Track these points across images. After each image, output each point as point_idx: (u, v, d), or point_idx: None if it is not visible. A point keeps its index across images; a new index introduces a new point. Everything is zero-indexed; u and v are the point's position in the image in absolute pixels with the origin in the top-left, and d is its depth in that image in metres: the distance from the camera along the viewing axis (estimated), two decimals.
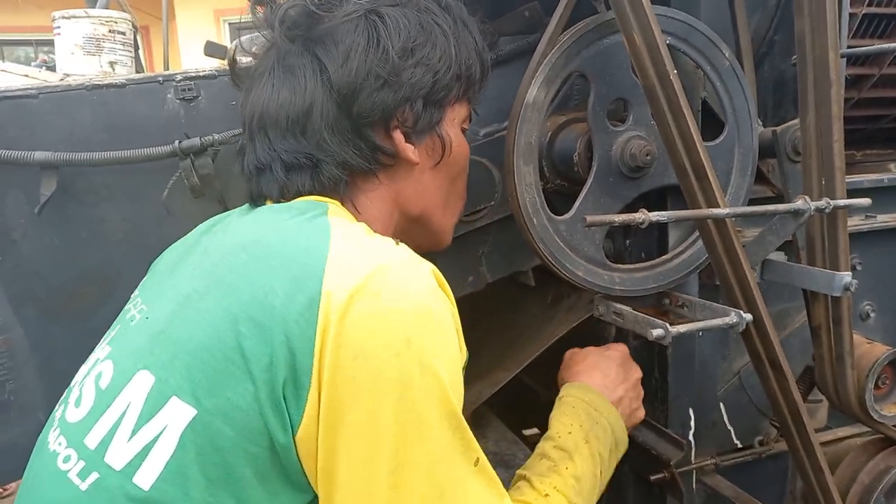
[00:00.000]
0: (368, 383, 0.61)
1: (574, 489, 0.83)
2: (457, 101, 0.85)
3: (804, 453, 1.00)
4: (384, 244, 0.70)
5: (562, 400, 0.95)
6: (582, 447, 0.87)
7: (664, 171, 0.99)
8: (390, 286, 0.63)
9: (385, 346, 0.62)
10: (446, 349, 0.65)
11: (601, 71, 0.93)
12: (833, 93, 0.91)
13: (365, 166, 0.79)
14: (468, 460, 0.67)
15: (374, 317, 0.62)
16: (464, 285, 1.15)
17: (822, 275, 0.95)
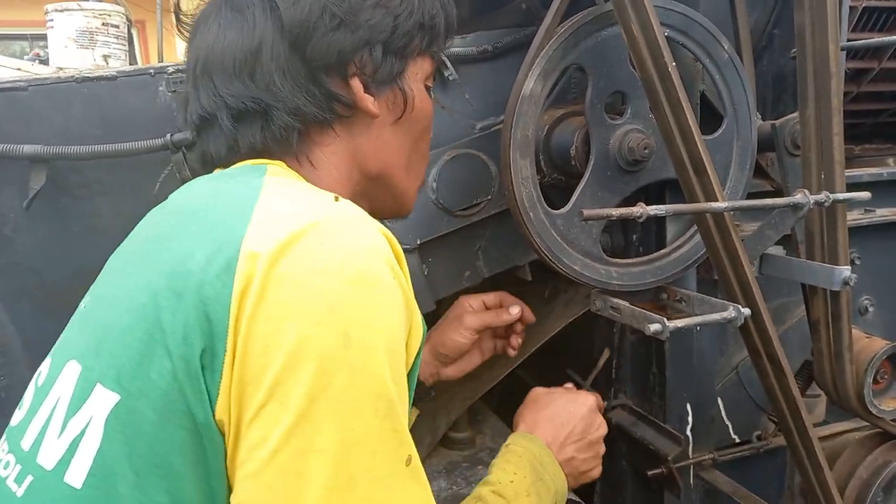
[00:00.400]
0: (280, 353, 0.54)
1: None
2: (420, 55, 0.80)
3: (802, 449, 0.99)
4: (320, 200, 0.64)
5: (508, 448, 0.91)
6: (522, 499, 0.83)
7: (662, 165, 0.98)
8: (319, 245, 0.57)
9: (304, 313, 0.55)
10: (383, 321, 0.58)
11: (599, 63, 0.92)
12: (833, 85, 0.90)
13: (319, 115, 0.72)
14: (397, 457, 0.59)
15: (295, 278, 0.56)
16: (460, 281, 1.14)
17: (821, 269, 0.94)
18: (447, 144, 1.08)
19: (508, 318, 1.09)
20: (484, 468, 1.15)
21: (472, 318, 1.08)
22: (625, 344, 1.22)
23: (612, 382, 1.26)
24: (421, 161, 0.86)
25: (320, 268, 0.56)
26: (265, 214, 0.60)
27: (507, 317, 1.09)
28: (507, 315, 1.09)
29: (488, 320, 1.08)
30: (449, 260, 1.13)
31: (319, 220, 0.59)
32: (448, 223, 1.09)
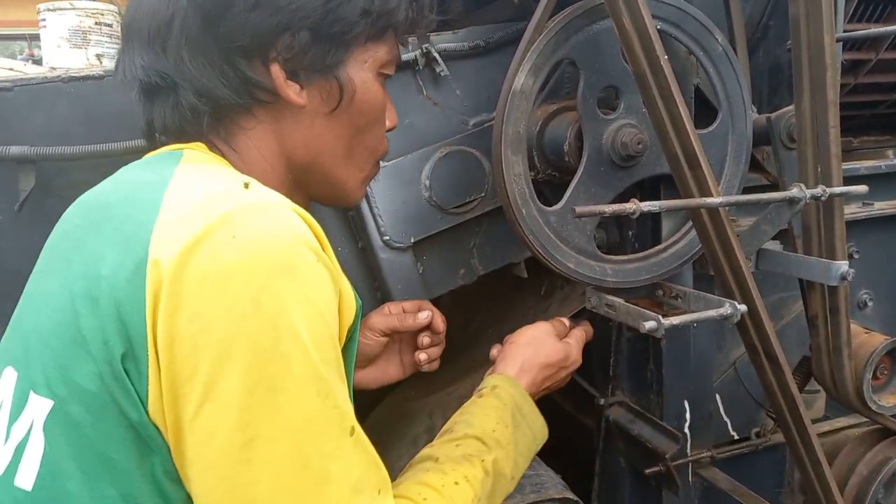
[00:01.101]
0: (209, 351, 0.54)
1: (482, 484, 0.77)
2: (371, 41, 0.75)
3: (801, 445, 0.98)
4: (229, 189, 0.62)
5: (494, 390, 0.89)
6: (504, 446, 0.82)
7: (656, 160, 0.97)
8: (231, 239, 0.56)
9: (227, 308, 0.55)
10: (308, 305, 0.58)
11: (591, 58, 0.91)
12: (829, 77, 0.88)
13: (233, 99, 0.69)
14: (342, 430, 0.60)
15: (213, 274, 0.55)
16: (455, 279, 1.13)
17: (818, 264, 0.93)
18: (440, 141, 1.07)
19: (412, 323, 1.00)
20: None
21: (377, 320, 1.01)
22: (621, 341, 1.21)
23: (608, 380, 1.25)
24: (368, 153, 0.82)
25: (235, 260, 0.56)
26: (171, 212, 0.59)
27: (412, 322, 1.00)
28: (413, 320, 1.00)
29: (394, 324, 1.01)
30: (443, 258, 1.12)
31: (228, 212, 0.58)
32: (442, 221, 1.08)
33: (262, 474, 0.56)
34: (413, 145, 1.06)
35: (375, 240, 1.05)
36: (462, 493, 0.74)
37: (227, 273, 0.55)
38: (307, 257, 0.59)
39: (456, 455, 0.78)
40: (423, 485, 0.73)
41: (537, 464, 1.15)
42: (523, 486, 1.08)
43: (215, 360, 0.55)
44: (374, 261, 1.06)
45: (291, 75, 0.71)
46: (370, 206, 1.03)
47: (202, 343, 0.55)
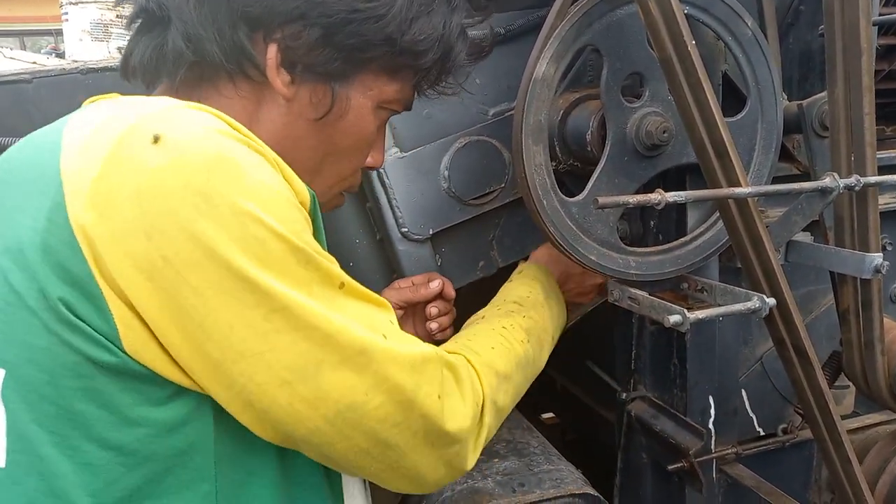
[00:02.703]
0: (184, 258, 0.54)
1: (528, 331, 0.88)
2: (384, 72, 0.73)
3: (830, 442, 0.96)
4: (135, 104, 0.59)
5: (521, 273, 1.00)
6: (539, 307, 0.93)
7: (682, 149, 0.94)
8: (150, 143, 0.55)
9: (179, 212, 0.54)
10: (259, 187, 0.57)
11: (614, 44, 0.88)
12: (864, 63, 0.85)
13: (218, 59, 0.67)
14: (331, 286, 0.61)
15: (146, 185, 0.54)
16: (475, 271, 1.12)
17: (851, 256, 0.90)
18: (459, 131, 1.05)
19: (426, 291, 1.00)
20: (500, 461, 1.13)
21: (391, 294, 1.01)
22: (644, 334, 1.19)
23: (631, 374, 1.22)
24: (335, 177, 0.79)
25: (165, 164, 0.54)
26: (74, 142, 0.58)
27: (426, 291, 1.00)
28: (426, 289, 1.00)
29: (407, 296, 1.01)
30: (462, 250, 1.11)
31: (135, 123, 0.56)
32: (461, 212, 1.07)
33: (287, 340, 0.57)
34: (432, 135, 1.05)
35: (393, 231, 1.04)
36: (511, 332, 0.85)
37: (161, 179, 0.54)
38: (237, 146, 0.58)
39: (498, 314, 0.89)
40: (473, 330, 0.84)
41: (557, 458, 1.13)
42: (543, 480, 1.07)
43: (193, 265, 0.54)
44: (393, 253, 1.05)
45: (288, 64, 0.69)
46: (388, 198, 1.02)
47: (171, 254, 0.54)
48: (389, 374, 0.62)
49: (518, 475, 1.08)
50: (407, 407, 0.64)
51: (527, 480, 1.06)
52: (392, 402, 0.63)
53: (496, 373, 0.79)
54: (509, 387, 0.81)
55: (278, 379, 0.58)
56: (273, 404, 0.59)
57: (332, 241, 1.10)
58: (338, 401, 0.60)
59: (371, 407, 0.62)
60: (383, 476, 0.68)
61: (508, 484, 1.06)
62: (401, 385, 0.63)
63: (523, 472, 1.08)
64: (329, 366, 0.59)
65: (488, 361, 0.78)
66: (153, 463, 0.58)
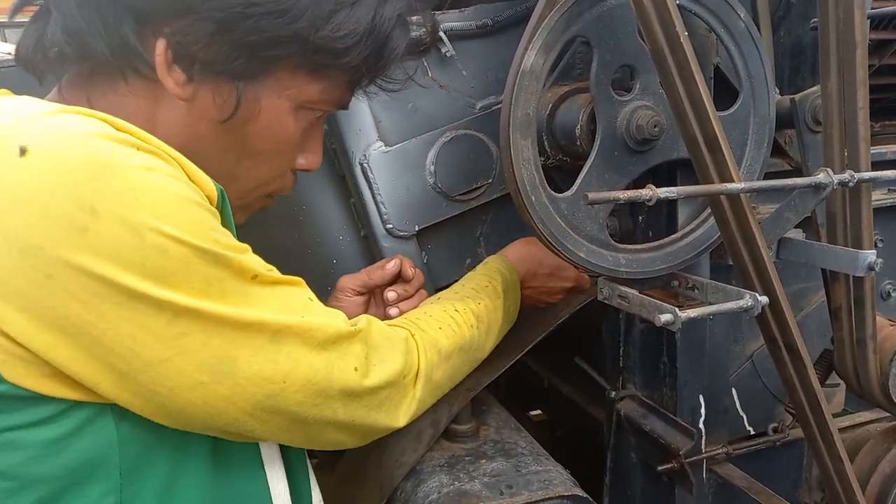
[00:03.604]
0: (71, 274, 0.50)
1: (478, 318, 0.89)
2: (303, 71, 0.67)
3: (822, 442, 0.95)
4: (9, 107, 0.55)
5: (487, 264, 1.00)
6: (494, 298, 0.94)
7: (673, 144, 0.92)
8: (18, 153, 0.50)
9: (58, 227, 0.50)
10: (152, 191, 0.52)
11: (605, 35, 0.86)
12: (858, 56, 0.83)
13: (103, 52, 0.61)
14: (244, 280, 0.58)
15: (19, 199, 0.49)
16: (461, 268, 1.10)
17: (844, 253, 0.89)
18: (445, 125, 1.03)
19: (382, 273, 0.96)
20: (488, 462, 1.11)
21: (347, 279, 0.97)
22: (633, 332, 1.17)
23: (620, 372, 1.21)
24: (254, 181, 0.72)
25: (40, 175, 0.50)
26: None
27: (381, 272, 0.96)
28: (381, 271, 0.96)
29: (363, 279, 0.97)
30: (449, 247, 1.09)
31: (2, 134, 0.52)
32: (447, 208, 1.04)
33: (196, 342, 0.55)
34: (417, 129, 1.02)
35: (378, 228, 1.01)
36: (462, 316, 0.86)
37: (32, 193, 0.50)
38: (124, 148, 0.53)
39: (454, 297, 0.90)
40: (426, 309, 0.85)
41: (546, 459, 1.11)
42: (531, 482, 1.05)
43: (82, 281, 0.50)
44: (377, 250, 1.03)
45: (184, 61, 0.63)
46: (372, 193, 1.00)
47: (56, 271, 0.50)
48: (300, 356, 0.61)
49: (506, 477, 1.05)
50: (325, 386, 0.63)
51: (515, 482, 1.04)
52: (309, 384, 0.62)
53: (438, 350, 0.79)
54: (448, 366, 0.82)
55: (192, 381, 0.56)
56: (188, 405, 0.57)
57: (315, 237, 1.08)
58: (255, 393, 0.59)
59: (289, 392, 0.60)
60: (311, 444, 0.67)
61: (496, 486, 1.04)
62: (314, 366, 0.62)
63: (511, 473, 1.06)
64: (243, 361, 0.58)
65: (432, 339, 0.79)
66: (43, 485, 0.54)
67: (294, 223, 1.05)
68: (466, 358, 0.88)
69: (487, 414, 1.28)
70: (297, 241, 1.05)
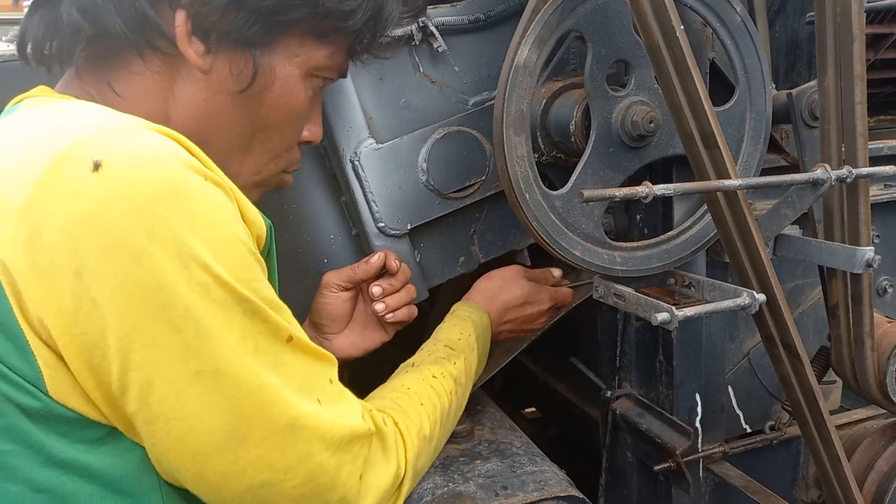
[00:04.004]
0: (114, 303, 0.49)
1: (457, 381, 0.88)
2: (311, 37, 0.67)
3: (819, 440, 0.94)
4: (77, 116, 0.54)
5: (455, 313, 0.99)
6: (469, 353, 0.93)
7: (669, 140, 0.91)
8: (90, 170, 0.49)
9: (117, 250, 0.48)
10: (210, 226, 0.52)
11: (599, 29, 0.85)
12: (856, 49, 0.82)
13: (121, 30, 0.60)
14: (277, 341, 0.57)
15: (82, 217, 0.48)
16: (455, 267, 1.08)
17: (842, 250, 0.88)
18: (437, 121, 1.01)
19: (366, 267, 0.95)
20: (483, 463, 1.10)
21: (332, 275, 0.96)
22: (629, 331, 1.16)
23: (616, 371, 1.20)
24: (268, 154, 0.73)
25: (105, 195, 0.49)
26: (2, 160, 0.52)
27: (365, 266, 0.95)
28: (365, 265, 0.95)
29: (347, 274, 0.96)
30: (442, 245, 1.07)
31: (74, 144, 0.50)
32: (440, 206, 1.03)
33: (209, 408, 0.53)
34: (409, 126, 1.00)
35: (370, 227, 0.99)
36: (440, 384, 0.84)
37: (100, 211, 0.49)
38: (191, 177, 0.52)
39: (429, 360, 0.88)
40: (404, 379, 0.82)
41: (541, 459, 1.10)
42: (526, 483, 1.04)
43: (124, 311, 0.49)
44: (369, 249, 1.01)
45: (200, 32, 0.63)
46: (364, 191, 0.98)
47: (102, 296, 0.49)
48: (314, 453, 0.58)
49: (501, 477, 1.04)
50: (327, 488, 0.60)
51: (510, 483, 1.03)
52: (311, 483, 0.59)
53: (422, 437, 0.76)
54: (431, 448, 0.80)
55: (192, 449, 0.54)
56: (181, 469, 0.55)
57: (306, 237, 1.06)
58: (253, 477, 0.56)
59: (288, 486, 0.58)
60: None
61: (491, 487, 1.03)
62: (323, 466, 0.59)
63: (506, 474, 1.05)
64: (252, 441, 0.55)
65: (417, 425, 0.75)
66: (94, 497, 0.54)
67: (284, 223, 1.03)
68: (446, 429, 0.86)
69: (482, 413, 1.26)
70: (287, 241, 1.03)
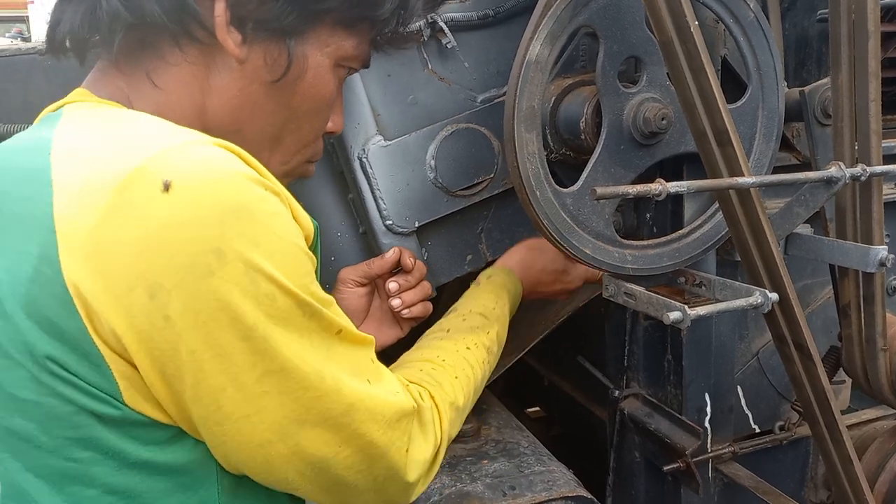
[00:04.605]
0: (186, 318, 0.51)
1: (489, 350, 0.88)
2: (341, 27, 0.68)
3: (830, 441, 0.93)
4: (133, 137, 0.55)
5: (492, 279, 0.98)
6: (502, 321, 0.93)
7: (681, 138, 0.90)
8: (158, 190, 0.50)
9: (189, 269, 0.50)
10: (274, 240, 0.54)
11: (612, 25, 0.84)
12: (871, 46, 0.81)
13: (159, 18, 0.60)
14: (330, 336, 0.60)
15: (153, 237, 0.50)
16: (462, 265, 1.07)
17: (854, 249, 0.87)
18: (446, 118, 1.00)
19: (381, 262, 0.96)
20: (490, 462, 1.09)
21: (348, 271, 0.97)
22: (637, 330, 1.15)
23: (624, 371, 1.19)
24: (297, 143, 0.74)
25: (175, 215, 0.50)
26: (69, 180, 0.52)
27: (380, 262, 0.96)
28: (380, 260, 0.96)
29: (363, 269, 0.96)
30: (450, 243, 1.06)
31: (141, 165, 0.51)
32: (448, 204, 1.02)
33: (275, 402, 0.56)
34: (417, 123, 0.99)
35: (377, 224, 0.99)
36: (474, 355, 0.85)
37: (171, 231, 0.50)
38: (254, 191, 0.54)
39: (464, 327, 0.89)
40: (440, 349, 0.83)
41: (549, 459, 1.09)
42: (534, 482, 1.03)
43: (195, 326, 0.51)
44: (377, 247, 1.00)
45: (238, 22, 0.63)
46: (371, 189, 0.97)
47: (175, 313, 0.50)
48: (367, 431, 0.62)
49: (509, 477, 1.04)
50: (377, 459, 0.64)
51: (518, 483, 1.02)
52: (363, 454, 0.63)
53: (456, 408, 0.78)
54: (462, 418, 0.81)
55: (260, 439, 0.57)
56: (249, 460, 0.58)
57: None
58: (312, 454, 0.60)
59: (341, 457, 0.62)
60: (326, 500, 0.67)
61: (499, 487, 1.02)
62: (375, 442, 0.63)
63: (514, 474, 1.04)
64: (310, 424, 0.58)
65: (451, 397, 0.77)
66: (161, 502, 0.57)
67: None
68: (475, 398, 0.87)
69: (488, 413, 1.26)
70: None
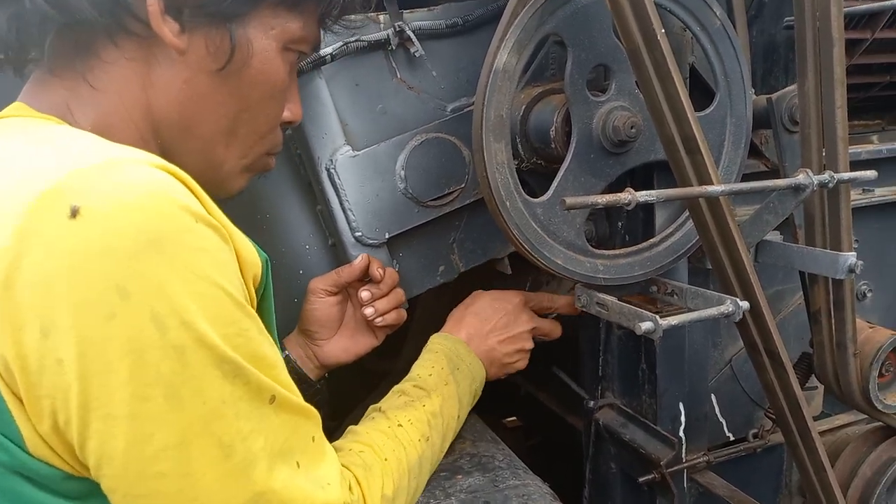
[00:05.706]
0: (78, 365, 0.45)
1: (429, 424, 0.84)
2: (283, 7, 0.66)
3: (803, 448, 0.93)
4: (54, 153, 0.50)
5: (426, 348, 0.96)
6: (441, 388, 0.89)
7: (650, 146, 0.90)
8: (68, 217, 0.45)
9: (87, 308, 0.45)
10: (194, 278, 0.48)
11: (579, 33, 0.83)
12: (836, 53, 0.82)
13: (91, 15, 0.57)
14: (261, 403, 0.54)
15: (56, 272, 0.45)
16: (434, 276, 1.06)
17: (824, 256, 0.87)
18: (415, 128, 0.98)
19: (349, 270, 0.94)
20: (465, 478, 1.07)
21: (317, 280, 0.96)
22: (611, 339, 1.15)
23: (598, 381, 1.18)
24: (254, 135, 0.70)
25: (81, 247, 0.45)
26: None
27: (349, 269, 0.94)
28: (349, 268, 0.94)
29: (333, 278, 0.95)
30: (421, 254, 1.05)
31: (54, 188, 0.46)
32: (419, 214, 1.00)
33: (183, 482, 0.49)
34: (386, 133, 0.98)
35: (347, 236, 0.97)
36: (407, 433, 0.81)
37: (73, 265, 0.45)
38: (181, 221, 0.48)
39: (399, 403, 0.85)
40: (368, 437, 0.78)
41: (524, 472, 1.08)
42: (509, 497, 1.01)
43: (88, 375, 0.45)
44: (346, 259, 0.98)
45: (173, 11, 0.60)
46: (340, 200, 0.95)
47: (67, 357, 0.45)
48: None
49: (483, 493, 1.02)
50: None
51: (492, 498, 1.00)
52: None
53: (385, 498, 0.73)
54: (396, 499, 0.77)
55: None
56: None
57: (280, 247, 1.03)
58: None
59: None
60: None
61: (473, 502, 1.00)
62: None
63: (488, 488, 1.02)
64: None
65: (378, 484, 0.73)
66: None
67: (257, 232, 1.00)
68: (418, 479, 0.83)
69: (463, 425, 1.24)
70: None
